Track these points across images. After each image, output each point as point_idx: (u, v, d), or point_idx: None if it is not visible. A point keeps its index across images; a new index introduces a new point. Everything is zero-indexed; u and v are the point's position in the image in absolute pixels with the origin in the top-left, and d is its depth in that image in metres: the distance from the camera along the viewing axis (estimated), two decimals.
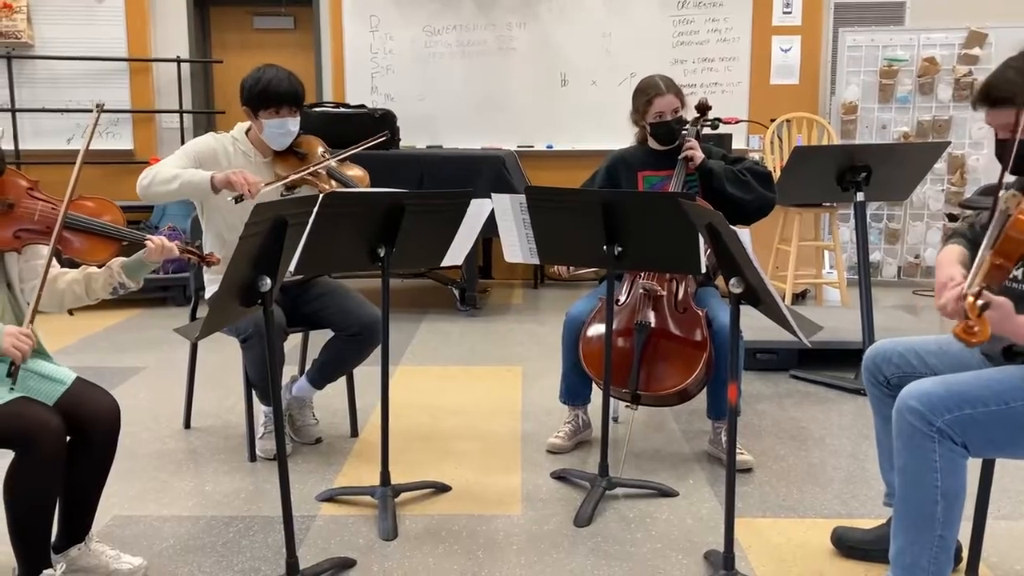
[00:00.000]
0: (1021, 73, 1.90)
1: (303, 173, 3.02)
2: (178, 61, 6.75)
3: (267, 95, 2.96)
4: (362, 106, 6.10)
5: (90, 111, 6.47)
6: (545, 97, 6.76)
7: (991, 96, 1.95)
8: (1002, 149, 1.99)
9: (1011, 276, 2.01)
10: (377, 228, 2.53)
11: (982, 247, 1.83)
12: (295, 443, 3.27)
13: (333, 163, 3.12)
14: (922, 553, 1.92)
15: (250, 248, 1.94)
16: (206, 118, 7.00)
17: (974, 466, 2.16)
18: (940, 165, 6.34)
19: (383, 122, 5.80)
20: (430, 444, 3.31)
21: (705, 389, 3.05)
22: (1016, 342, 1.84)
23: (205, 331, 2.01)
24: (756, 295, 2.08)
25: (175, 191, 2.89)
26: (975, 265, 1.82)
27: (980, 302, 1.69)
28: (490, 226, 2.83)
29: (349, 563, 2.38)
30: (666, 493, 2.84)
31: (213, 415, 3.63)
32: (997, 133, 2.01)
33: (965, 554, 2.32)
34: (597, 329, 3.05)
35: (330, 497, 2.80)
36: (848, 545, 2.44)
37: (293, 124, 3.04)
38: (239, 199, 2.80)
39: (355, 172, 3.20)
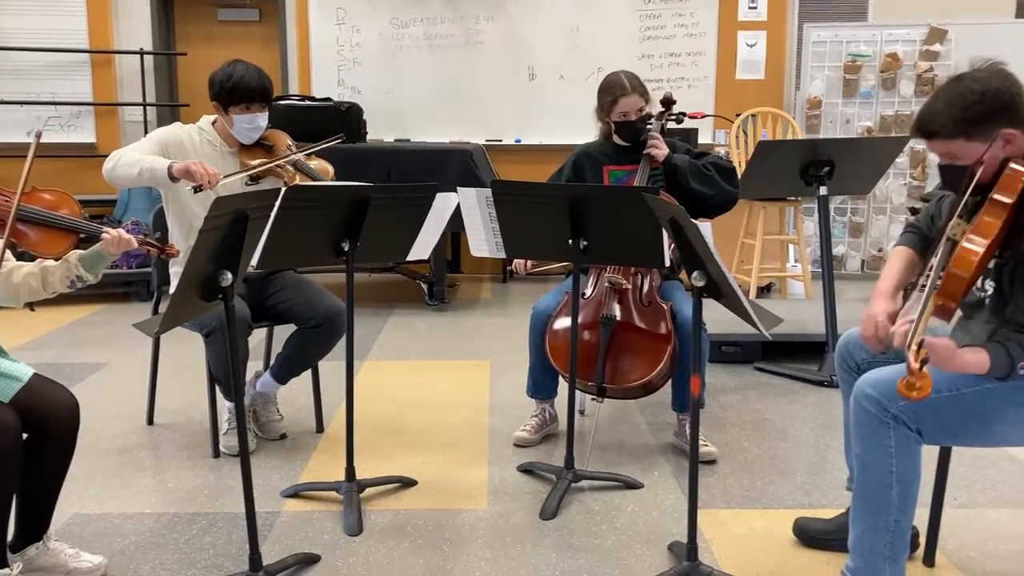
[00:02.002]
0: (949, 104, 1.89)
1: (270, 164, 3.02)
2: (141, 53, 6.66)
3: (238, 91, 2.97)
4: (328, 99, 6.06)
5: (51, 104, 6.43)
6: (513, 91, 6.75)
7: (922, 130, 1.95)
8: (944, 173, 2.00)
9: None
10: (341, 222, 2.51)
11: (927, 289, 1.83)
12: (260, 439, 3.25)
13: (300, 156, 3.12)
14: (879, 538, 1.96)
15: (210, 242, 1.92)
16: (170, 111, 6.92)
17: (931, 455, 2.20)
18: (902, 159, 6.43)
19: (349, 115, 5.77)
20: (397, 439, 3.30)
21: (670, 382, 3.07)
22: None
23: (165, 326, 1.98)
24: (718, 288, 2.10)
25: (135, 177, 2.87)
26: (919, 309, 1.82)
27: (921, 357, 1.70)
28: (458, 220, 2.83)
29: (313, 559, 2.37)
30: (631, 485, 2.86)
31: (176, 411, 3.59)
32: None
33: (923, 541, 2.37)
34: (563, 323, 3.06)
35: (295, 493, 2.78)
36: (809, 535, 2.47)
37: (262, 119, 3.07)
38: (197, 189, 2.78)
39: (319, 164, 3.19)
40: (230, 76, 2.99)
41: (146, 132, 6.61)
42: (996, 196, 1.84)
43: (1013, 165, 1.85)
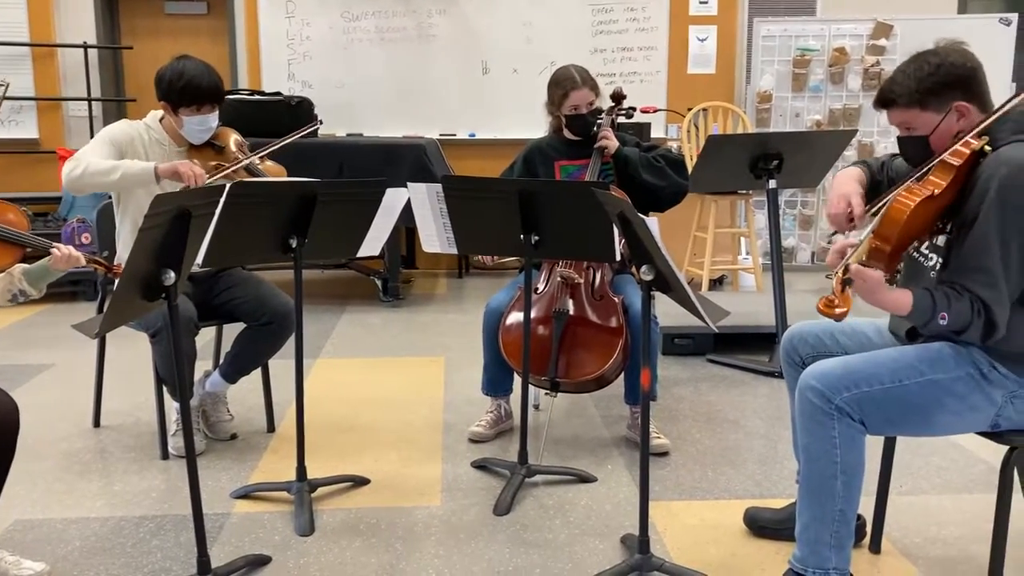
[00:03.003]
0: (907, 75, 1.98)
1: (229, 171, 2.96)
2: (85, 47, 6.50)
3: (188, 92, 2.89)
4: (278, 94, 5.98)
5: None
6: (467, 85, 6.73)
7: (883, 98, 2.04)
8: (901, 144, 2.07)
9: (915, 248, 2.09)
10: (288, 218, 2.48)
11: (868, 228, 1.92)
12: (209, 439, 3.20)
13: (255, 160, 3.07)
14: (824, 528, 1.99)
15: (151, 241, 1.88)
16: (116, 106, 6.77)
17: (876, 444, 2.24)
18: (850, 152, 6.53)
19: (300, 110, 5.70)
20: (350, 437, 3.27)
21: (623, 375, 3.09)
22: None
23: (106, 327, 1.94)
24: (666, 282, 2.11)
25: (114, 183, 2.79)
26: (860, 240, 1.92)
27: (845, 277, 1.80)
28: (411, 216, 2.80)
29: (264, 560, 2.34)
30: (585, 479, 2.87)
31: (124, 412, 3.52)
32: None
33: (869, 529, 2.41)
34: (516, 318, 3.06)
35: (245, 494, 2.74)
36: (759, 525, 2.50)
37: (213, 120, 3.00)
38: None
39: (273, 170, 3.17)
40: (180, 75, 2.89)
41: (91, 127, 6.48)
42: (945, 158, 1.92)
43: (964, 138, 1.93)
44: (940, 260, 2.01)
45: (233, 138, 3.15)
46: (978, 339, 1.91)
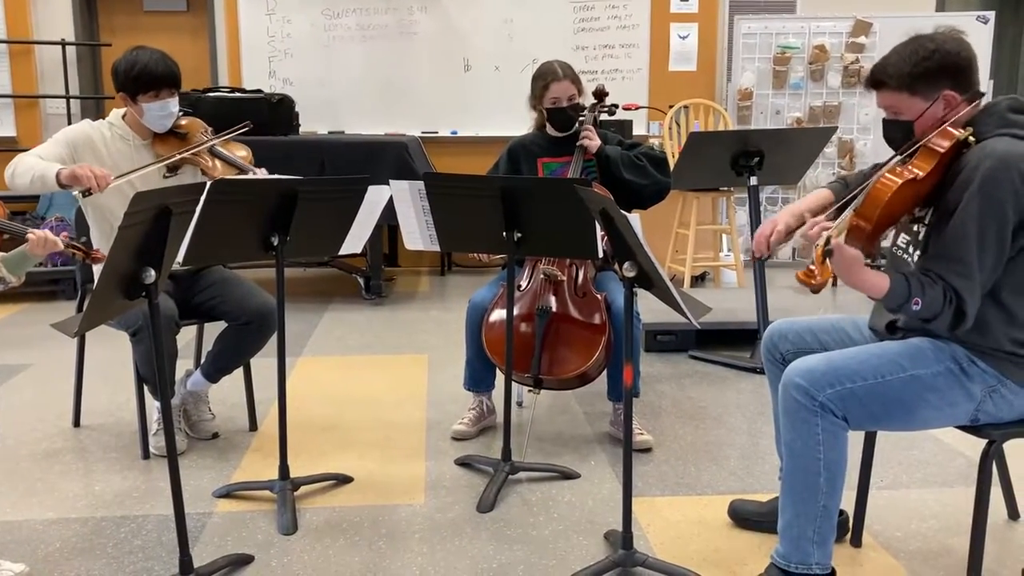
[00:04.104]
0: (901, 58, 1.98)
1: (185, 153, 2.95)
2: (63, 44, 6.44)
3: (144, 79, 2.88)
4: (259, 91, 5.94)
5: None
6: (448, 82, 6.72)
7: (874, 79, 2.05)
8: (886, 126, 2.08)
9: (896, 245, 2.11)
10: (270, 216, 2.47)
11: (850, 208, 1.95)
12: (191, 438, 3.18)
13: (217, 143, 3.04)
14: (807, 524, 2.00)
15: (131, 238, 1.87)
16: (94, 104, 6.71)
17: (858, 438, 2.25)
18: (830, 149, 6.58)
19: (281, 107, 5.67)
20: (333, 435, 3.26)
21: (605, 371, 3.09)
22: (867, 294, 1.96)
23: (85, 326, 1.93)
24: (649, 279, 2.11)
25: (27, 186, 2.77)
26: (841, 216, 1.95)
27: (826, 248, 1.81)
28: (393, 213, 2.80)
29: (246, 559, 2.33)
30: (568, 475, 2.87)
31: (104, 412, 3.49)
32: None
33: (851, 524, 2.43)
34: (499, 315, 3.06)
35: (227, 493, 2.73)
36: (743, 517, 2.52)
37: (173, 105, 2.98)
38: (87, 193, 2.69)
39: (240, 152, 3.12)
40: (134, 64, 2.89)
41: (69, 125, 6.41)
42: (930, 143, 1.93)
43: (949, 128, 1.94)
44: (920, 252, 2.02)
45: (194, 123, 3.12)
46: (946, 328, 1.93)
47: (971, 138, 1.92)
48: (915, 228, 2.06)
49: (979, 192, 1.85)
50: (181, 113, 3.08)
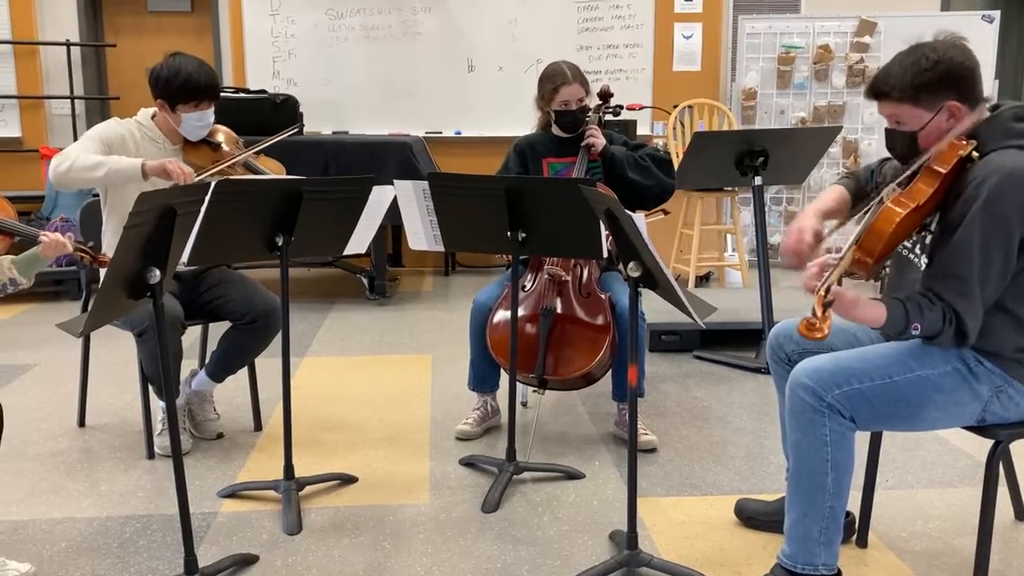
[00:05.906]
0: (903, 68, 1.94)
1: (232, 161, 2.96)
2: (68, 44, 6.45)
3: (187, 89, 2.89)
4: (263, 91, 5.95)
5: None
6: (452, 83, 6.71)
7: (874, 89, 2.01)
8: (888, 136, 2.06)
9: (902, 245, 2.10)
10: (274, 216, 2.47)
11: (849, 242, 1.92)
12: (196, 438, 3.18)
13: (251, 154, 3.07)
14: (814, 524, 2.00)
15: (136, 238, 1.87)
16: (99, 104, 6.72)
17: (864, 438, 2.25)
18: (835, 149, 6.56)
19: (285, 107, 5.67)
20: (337, 435, 3.26)
21: (610, 372, 3.09)
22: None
23: (90, 326, 1.93)
24: (654, 278, 2.11)
25: (100, 178, 2.78)
26: (839, 257, 1.90)
27: (826, 300, 1.79)
28: (397, 213, 2.80)
29: (251, 559, 2.33)
30: (573, 476, 2.87)
31: (109, 412, 3.50)
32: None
33: (857, 525, 2.42)
34: (504, 315, 3.06)
35: (232, 493, 2.73)
36: (748, 516, 2.51)
37: (210, 116, 3.00)
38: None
39: (271, 165, 3.15)
40: (177, 72, 2.88)
41: (74, 126, 6.44)
42: (932, 165, 1.90)
43: (952, 143, 1.91)
44: (927, 261, 2.01)
45: (226, 134, 3.15)
46: (948, 346, 1.93)
47: (975, 152, 1.89)
48: (922, 233, 2.05)
49: (984, 209, 1.83)
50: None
